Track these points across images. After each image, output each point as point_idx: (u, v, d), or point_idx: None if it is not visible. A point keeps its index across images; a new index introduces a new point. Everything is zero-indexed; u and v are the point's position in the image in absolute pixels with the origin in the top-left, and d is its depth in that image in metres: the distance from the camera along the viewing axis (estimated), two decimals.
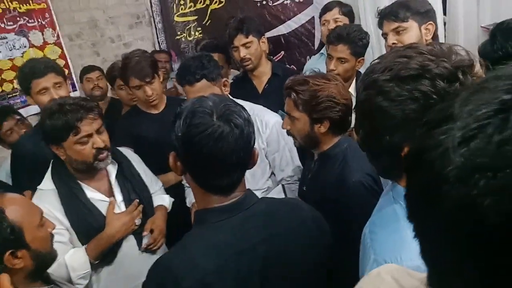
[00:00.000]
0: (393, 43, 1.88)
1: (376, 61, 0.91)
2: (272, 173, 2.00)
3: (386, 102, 0.85)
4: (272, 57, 3.20)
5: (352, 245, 1.15)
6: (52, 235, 1.34)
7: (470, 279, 0.39)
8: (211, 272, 0.96)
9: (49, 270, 1.35)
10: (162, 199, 2.00)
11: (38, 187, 1.73)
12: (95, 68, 3.33)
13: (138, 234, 1.81)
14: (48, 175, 1.74)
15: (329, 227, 1.20)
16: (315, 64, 2.76)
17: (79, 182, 1.73)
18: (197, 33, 4.12)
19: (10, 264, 1.17)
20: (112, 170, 1.81)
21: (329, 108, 1.49)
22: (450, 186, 0.37)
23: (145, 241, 1.81)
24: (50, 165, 1.76)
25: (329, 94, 1.49)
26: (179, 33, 4.16)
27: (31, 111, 3.15)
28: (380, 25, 1.97)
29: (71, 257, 1.63)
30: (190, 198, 2.05)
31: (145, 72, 2.17)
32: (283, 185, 1.98)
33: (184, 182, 2.12)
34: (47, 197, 1.67)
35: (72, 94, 3.59)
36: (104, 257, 1.71)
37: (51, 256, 1.33)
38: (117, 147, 1.95)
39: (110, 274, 1.75)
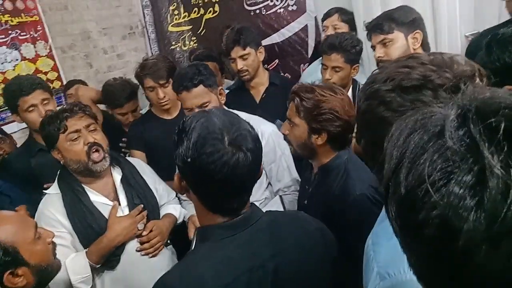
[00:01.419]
0: (379, 56, 1.89)
1: (377, 71, 0.90)
2: (269, 183, 1.98)
3: (388, 113, 0.84)
4: (266, 65, 3.20)
5: (356, 257, 1.14)
6: (53, 244, 1.32)
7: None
8: None
9: None
10: (174, 209, 1.99)
11: (46, 191, 1.76)
12: (76, 82, 3.28)
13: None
14: (56, 181, 1.77)
15: (335, 240, 1.19)
16: (315, 71, 2.75)
17: (83, 185, 1.75)
18: (191, 43, 4.12)
19: (11, 284, 1.14)
20: (117, 175, 1.83)
21: (329, 121, 1.47)
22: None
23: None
24: (58, 171, 1.79)
25: (332, 107, 1.47)
26: (173, 43, 4.16)
27: (13, 129, 3.10)
28: (369, 37, 1.98)
29: (72, 260, 1.63)
30: (187, 212, 2.02)
31: (160, 74, 2.23)
32: (280, 196, 1.96)
33: (180, 195, 2.09)
34: (52, 200, 1.71)
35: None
36: (107, 262, 1.70)
37: (54, 268, 1.31)
38: (127, 157, 1.98)
39: (114, 280, 1.73)
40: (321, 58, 2.87)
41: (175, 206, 2.01)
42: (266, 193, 1.94)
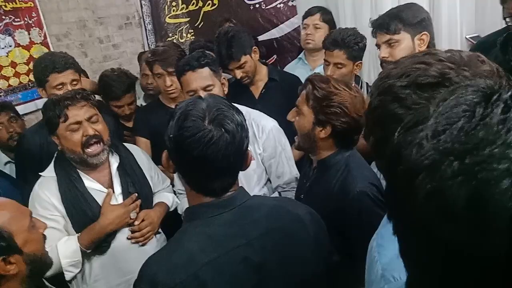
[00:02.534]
0: (384, 57, 1.85)
1: (391, 66, 0.87)
2: (268, 180, 1.95)
3: (401, 109, 0.81)
4: (264, 60, 3.16)
5: (355, 256, 1.11)
6: (44, 236, 1.30)
7: (442, 277, 0.41)
8: (207, 266, 0.95)
9: None
10: (166, 197, 1.99)
11: (41, 173, 1.76)
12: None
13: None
14: (52, 163, 1.77)
15: (331, 238, 1.16)
16: (293, 69, 2.72)
17: (79, 171, 1.74)
18: (189, 35, 4.07)
19: (3, 271, 1.12)
20: (114, 162, 1.82)
21: (336, 115, 1.43)
22: (422, 176, 0.40)
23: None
24: (55, 154, 1.79)
25: (342, 102, 1.43)
26: (170, 34, 4.11)
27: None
28: (374, 35, 1.93)
29: (63, 244, 1.64)
30: (182, 206, 1.99)
31: (169, 62, 2.21)
32: (279, 192, 1.92)
33: (175, 188, 2.07)
34: (47, 183, 1.71)
35: None
36: (97, 247, 1.71)
37: (47, 260, 1.29)
38: (124, 143, 1.97)
39: (103, 266, 1.74)
40: (298, 57, 2.86)
41: (167, 195, 2.01)
42: (264, 190, 1.91)
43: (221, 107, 1.02)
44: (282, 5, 3.63)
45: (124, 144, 1.96)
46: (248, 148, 1.07)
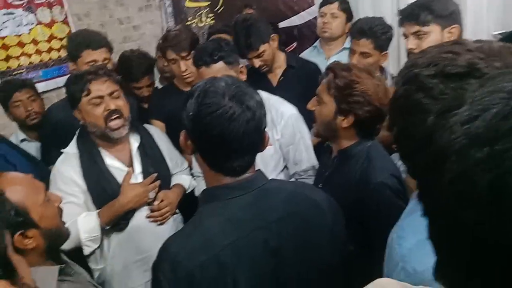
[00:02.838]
0: (411, 48, 1.79)
1: (418, 55, 0.85)
2: (285, 166, 1.94)
3: (427, 100, 0.80)
4: (284, 47, 3.12)
5: (374, 247, 1.11)
6: (60, 210, 1.32)
7: (469, 263, 0.41)
8: (226, 248, 0.95)
9: None
10: (183, 179, 2.02)
11: (63, 150, 1.80)
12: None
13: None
14: (74, 140, 1.81)
15: (350, 228, 1.16)
16: (308, 57, 2.68)
17: (100, 148, 1.78)
18: (208, 19, 4.04)
19: (22, 245, 1.14)
20: (135, 142, 1.86)
21: (359, 103, 1.41)
22: (452, 159, 0.40)
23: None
24: (78, 131, 1.83)
25: (365, 90, 1.40)
26: (190, 18, 4.09)
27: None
28: (401, 24, 1.87)
29: (83, 219, 1.69)
30: (199, 188, 2.00)
31: (182, 46, 2.21)
32: (296, 179, 1.92)
33: (193, 171, 2.08)
34: (69, 160, 1.75)
35: None
36: (115, 225, 1.75)
37: (64, 232, 1.31)
38: (145, 125, 2.00)
39: (121, 243, 1.78)
40: (313, 45, 2.82)
41: (184, 177, 2.04)
42: (281, 176, 1.91)
43: (240, 85, 1.02)
44: None
45: (144, 125, 1.99)
46: (266, 132, 1.06)
